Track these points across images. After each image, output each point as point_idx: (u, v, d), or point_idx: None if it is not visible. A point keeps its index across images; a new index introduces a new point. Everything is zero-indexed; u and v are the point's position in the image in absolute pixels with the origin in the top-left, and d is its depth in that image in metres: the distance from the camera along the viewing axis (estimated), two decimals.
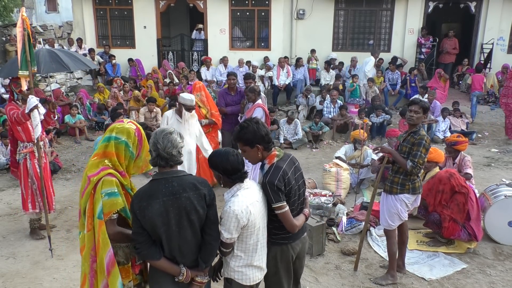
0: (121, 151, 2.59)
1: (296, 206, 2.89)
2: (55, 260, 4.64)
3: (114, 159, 2.57)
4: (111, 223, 2.51)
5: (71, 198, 6.49)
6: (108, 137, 2.60)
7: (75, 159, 8.44)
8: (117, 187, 2.52)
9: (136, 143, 2.64)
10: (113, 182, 2.52)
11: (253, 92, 6.10)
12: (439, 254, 4.82)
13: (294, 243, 2.92)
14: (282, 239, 2.86)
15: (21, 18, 4.43)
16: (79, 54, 8.02)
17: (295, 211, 2.89)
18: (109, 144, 2.58)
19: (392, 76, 12.21)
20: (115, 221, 2.54)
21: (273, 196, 2.69)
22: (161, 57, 13.55)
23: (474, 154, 8.64)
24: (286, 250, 2.89)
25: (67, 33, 13.78)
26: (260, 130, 2.73)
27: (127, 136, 2.60)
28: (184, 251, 2.47)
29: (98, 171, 2.54)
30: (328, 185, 6.51)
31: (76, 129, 9.73)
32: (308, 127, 9.75)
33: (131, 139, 2.61)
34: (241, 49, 13.62)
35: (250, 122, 2.77)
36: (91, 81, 12.82)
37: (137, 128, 2.67)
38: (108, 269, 2.52)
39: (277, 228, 2.81)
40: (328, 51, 13.50)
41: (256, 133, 2.73)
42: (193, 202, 2.40)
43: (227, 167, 2.59)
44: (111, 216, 2.49)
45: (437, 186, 4.84)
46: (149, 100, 9.78)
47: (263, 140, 2.75)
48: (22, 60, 4.47)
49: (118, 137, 2.59)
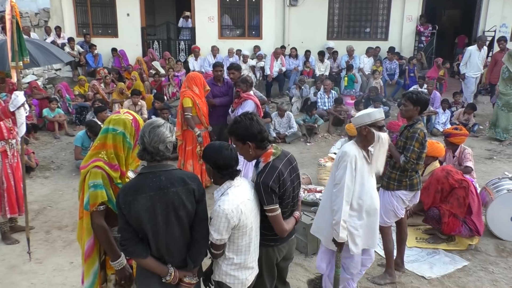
0: (119, 142, 2.69)
1: (288, 208, 2.90)
2: (34, 264, 4.60)
3: (110, 151, 2.68)
4: (97, 214, 2.63)
5: (50, 197, 6.44)
6: (106, 129, 2.70)
7: (54, 156, 8.36)
8: (103, 179, 2.63)
9: (133, 133, 2.73)
10: (98, 174, 2.62)
11: (245, 83, 6.08)
12: (439, 251, 4.88)
13: (281, 246, 2.94)
14: (269, 240, 2.87)
15: (10, 5, 4.35)
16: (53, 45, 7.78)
17: (287, 213, 2.90)
18: (107, 136, 2.68)
19: (390, 66, 12.27)
20: (102, 213, 2.65)
21: (266, 198, 2.69)
22: (146, 47, 13.45)
23: (475, 147, 8.73)
24: (272, 253, 2.91)
25: (44, 20, 13.56)
26: (252, 127, 2.72)
27: (124, 127, 2.69)
28: (172, 250, 2.48)
29: (89, 163, 2.67)
30: (323, 181, 6.54)
31: (55, 123, 9.63)
32: (302, 120, 9.76)
33: (128, 130, 2.70)
34: (231, 38, 13.57)
35: (245, 117, 2.77)
36: (70, 73, 12.69)
37: (134, 118, 2.76)
38: (86, 257, 2.72)
39: (265, 228, 2.82)
40: (322, 39, 13.51)
41: (248, 130, 2.72)
42: (182, 197, 2.42)
43: (219, 161, 2.59)
44: (97, 208, 2.61)
45: (435, 186, 4.88)
46: (133, 92, 9.70)
47: (255, 138, 2.75)
48: (13, 50, 4.40)
49: (115, 129, 2.68)
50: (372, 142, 3.27)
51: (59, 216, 5.78)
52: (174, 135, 2.54)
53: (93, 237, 2.71)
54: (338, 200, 3.24)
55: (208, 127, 6.39)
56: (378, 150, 3.26)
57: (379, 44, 13.04)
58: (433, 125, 9.96)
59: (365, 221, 3.38)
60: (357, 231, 3.34)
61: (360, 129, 3.30)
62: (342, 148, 3.38)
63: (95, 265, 2.76)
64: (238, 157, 2.70)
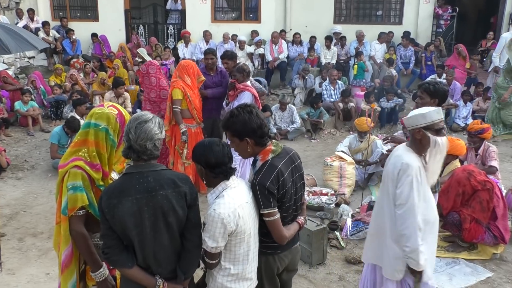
0: (101, 139, 2.68)
1: (289, 213, 2.90)
2: (5, 275, 4.60)
3: (92, 148, 2.67)
4: (77, 220, 2.63)
5: (23, 201, 6.44)
6: (87, 124, 2.69)
7: (27, 154, 8.36)
8: (83, 181, 2.63)
9: (117, 130, 2.72)
10: (78, 175, 2.62)
11: (241, 72, 6.08)
12: (459, 261, 4.89)
13: (282, 254, 2.94)
14: (269, 248, 2.87)
15: None
16: (25, 30, 7.75)
17: (288, 218, 2.89)
18: (89, 132, 2.67)
19: (405, 53, 12.28)
20: (82, 218, 2.65)
21: (262, 201, 2.69)
22: (130, 32, 13.42)
23: (500, 144, 8.76)
24: (272, 262, 2.91)
25: (15, 2, 13.53)
26: (251, 122, 2.71)
27: (107, 122, 2.68)
28: (160, 259, 2.48)
29: (68, 162, 2.66)
30: (330, 182, 6.55)
31: (28, 118, 9.61)
32: (306, 114, 9.76)
33: (111, 126, 2.69)
34: (225, 22, 13.56)
35: (243, 109, 2.75)
36: (45, 61, 12.68)
37: (119, 112, 2.74)
38: (63, 267, 2.71)
39: (264, 234, 2.82)
40: (329, 23, 13.50)
41: (247, 125, 2.71)
42: (172, 201, 2.42)
43: (210, 159, 2.59)
44: (76, 213, 2.61)
45: (455, 188, 4.88)
46: (116, 83, 9.67)
47: (254, 133, 2.74)
48: None
49: (98, 124, 2.68)
50: (427, 148, 3.15)
51: (33, 222, 5.78)
52: (163, 131, 2.53)
53: (71, 245, 2.71)
54: (408, 224, 3.08)
55: (201, 123, 6.39)
56: (433, 158, 3.15)
57: (392, 29, 13.03)
58: (452, 120, 9.97)
59: (429, 240, 3.27)
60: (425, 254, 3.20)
61: (413, 132, 3.19)
62: (398, 157, 3.19)
63: (73, 276, 2.76)
64: (232, 154, 2.70)
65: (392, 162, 3.22)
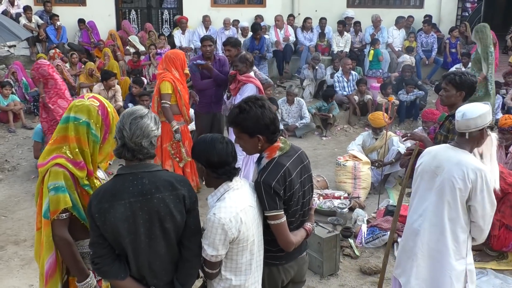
0: (82, 134, 2.67)
1: (296, 218, 2.90)
2: None
3: (73, 145, 2.66)
4: (59, 224, 2.62)
5: (4, 205, 6.47)
6: (66, 118, 2.68)
7: (8, 154, 8.40)
8: (65, 180, 2.62)
9: (100, 123, 2.72)
10: (60, 174, 2.62)
11: (244, 62, 6.09)
12: (487, 271, 4.89)
13: (287, 265, 2.95)
14: (273, 258, 2.88)
15: None
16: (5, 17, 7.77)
17: (294, 223, 2.89)
18: (68, 127, 2.66)
19: (426, 40, 12.24)
20: (65, 222, 2.64)
21: (267, 202, 2.69)
22: (121, 17, 13.44)
23: None
24: (276, 273, 2.92)
25: None
26: (264, 117, 2.71)
27: (88, 116, 2.68)
28: (155, 270, 2.49)
29: (48, 160, 2.65)
30: (343, 184, 6.56)
31: (9, 113, 9.64)
32: (316, 108, 9.73)
33: (93, 119, 2.68)
34: (226, 6, 13.55)
35: (254, 104, 2.74)
36: (28, 50, 12.69)
37: (101, 104, 2.74)
38: (47, 278, 2.70)
39: (268, 242, 2.82)
40: (341, 7, 13.48)
41: (260, 121, 2.71)
42: (169, 205, 2.42)
43: (212, 158, 2.59)
44: (59, 216, 2.60)
45: None
46: (105, 74, 9.69)
47: (267, 129, 2.74)
48: None
49: (77, 118, 2.67)
50: (482, 144, 3.23)
51: (15, 229, 5.81)
52: (160, 128, 2.54)
53: (54, 253, 2.70)
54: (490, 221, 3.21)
55: (189, 120, 6.40)
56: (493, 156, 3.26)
57: (412, 13, 12.99)
58: None
59: None
60: None
61: (478, 132, 3.16)
62: (468, 164, 3.14)
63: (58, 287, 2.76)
64: (237, 153, 2.71)
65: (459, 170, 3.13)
